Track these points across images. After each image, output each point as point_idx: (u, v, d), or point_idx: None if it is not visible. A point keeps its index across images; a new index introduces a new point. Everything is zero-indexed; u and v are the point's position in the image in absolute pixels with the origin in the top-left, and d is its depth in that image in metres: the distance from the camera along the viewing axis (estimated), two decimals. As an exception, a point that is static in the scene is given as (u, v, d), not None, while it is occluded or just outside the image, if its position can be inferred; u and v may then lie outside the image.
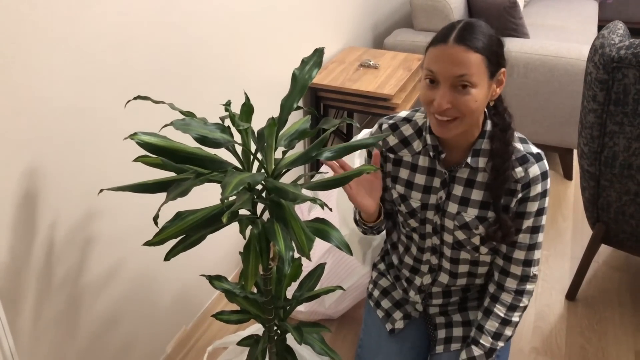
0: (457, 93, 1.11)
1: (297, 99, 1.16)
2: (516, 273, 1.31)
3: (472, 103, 1.12)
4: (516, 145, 1.24)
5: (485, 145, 1.23)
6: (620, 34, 1.67)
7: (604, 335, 1.93)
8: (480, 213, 1.27)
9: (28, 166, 1.15)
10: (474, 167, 1.25)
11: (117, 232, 1.46)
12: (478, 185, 1.26)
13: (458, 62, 1.09)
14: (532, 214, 1.25)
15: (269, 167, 1.13)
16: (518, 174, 1.22)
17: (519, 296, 1.32)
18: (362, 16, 2.89)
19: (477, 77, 1.10)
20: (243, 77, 1.88)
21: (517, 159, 1.23)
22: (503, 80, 1.18)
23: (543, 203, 1.25)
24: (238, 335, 1.69)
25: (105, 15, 1.26)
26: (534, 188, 1.23)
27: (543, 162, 1.24)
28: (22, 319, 1.23)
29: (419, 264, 1.42)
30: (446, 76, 1.11)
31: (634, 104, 1.60)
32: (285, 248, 1.01)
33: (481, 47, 1.10)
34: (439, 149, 1.26)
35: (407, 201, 1.33)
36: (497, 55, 1.14)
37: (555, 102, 2.62)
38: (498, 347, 1.32)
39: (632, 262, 2.27)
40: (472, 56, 1.09)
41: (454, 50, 1.09)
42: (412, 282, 1.44)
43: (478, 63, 1.10)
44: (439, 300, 1.43)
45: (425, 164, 1.30)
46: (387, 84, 2.27)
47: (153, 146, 1.04)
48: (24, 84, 1.10)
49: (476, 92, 1.11)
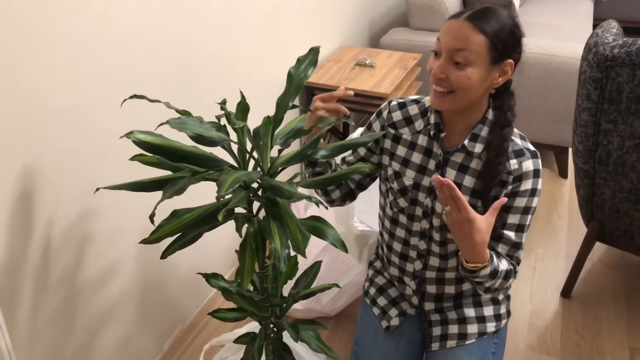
0: (453, 67, 1.17)
1: (293, 98, 1.17)
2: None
3: (464, 80, 1.16)
4: (514, 140, 1.27)
5: (484, 132, 1.26)
6: (614, 32, 1.68)
7: (599, 332, 1.94)
8: (470, 200, 1.28)
9: (24, 165, 1.16)
10: (470, 152, 1.27)
11: (114, 231, 1.46)
12: (471, 172, 1.28)
13: (459, 36, 1.15)
14: (518, 209, 1.26)
15: (265, 166, 1.13)
16: (512, 166, 1.24)
17: (511, 277, 1.31)
18: (358, 15, 2.89)
19: (476, 57, 1.15)
20: (239, 76, 1.89)
21: (513, 151, 1.25)
22: (508, 72, 1.20)
23: (531, 202, 1.26)
24: (235, 333, 1.70)
25: (102, 15, 1.26)
26: (525, 183, 1.24)
27: (537, 160, 1.26)
28: (19, 317, 1.23)
29: (407, 249, 1.41)
30: (446, 47, 1.17)
31: (628, 102, 1.61)
32: (281, 246, 1.01)
33: (488, 29, 1.14)
34: (440, 127, 1.29)
35: (400, 178, 1.35)
36: (504, 43, 1.16)
37: (551, 100, 2.63)
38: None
39: (627, 260, 2.28)
40: (476, 36, 1.14)
41: (460, 26, 1.15)
42: (405, 269, 1.45)
43: (480, 43, 1.14)
44: (433, 287, 1.42)
45: (424, 143, 1.32)
46: (383, 83, 2.27)
47: (149, 145, 1.04)
48: (20, 83, 1.10)
49: (472, 70, 1.16)
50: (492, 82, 1.20)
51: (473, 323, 1.43)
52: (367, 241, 1.86)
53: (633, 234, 1.89)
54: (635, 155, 1.68)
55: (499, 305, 1.46)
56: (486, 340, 1.42)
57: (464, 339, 1.41)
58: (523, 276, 2.20)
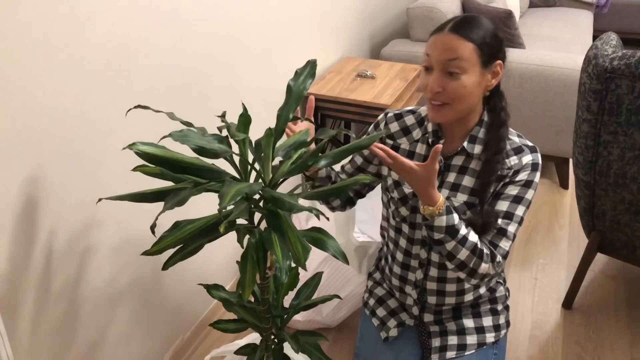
0: (448, 78, 1.19)
1: (293, 109, 1.18)
2: (486, 249, 1.28)
3: (461, 89, 1.19)
4: (512, 138, 1.30)
5: (482, 133, 1.29)
6: (613, 44, 1.69)
7: (601, 343, 1.93)
8: (469, 199, 1.29)
9: (28, 175, 1.16)
10: (469, 154, 1.29)
11: (116, 242, 1.46)
12: (470, 172, 1.30)
13: (449, 48, 1.18)
14: (509, 197, 1.27)
15: (266, 177, 1.14)
16: (512, 162, 1.27)
17: (483, 260, 1.25)
18: (359, 27, 2.91)
19: (468, 64, 1.18)
20: (241, 87, 1.90)
21: (512, 149, 1.28)
22: (499, 72, 1.24)
23: (524, 193, 1.27)
24: (235, 344, 1.69)
25: (105, 26, 1.27)
26: (521, 174, 1.27)
27: (537, 155, 1.29)
28: (20, 328, 1.23)
29: (409, 259, 1.42)
30: (438, 60, 1.19)
31: (628, 113, 1.62)
32: (282, 257, 1.02)
33: (474, 37, 1.18)
34: (438, 134, 1.32)
35: (400, 187, 1.36)
36: (490, 47, 1.21)
37: (551, 111, 2.64)
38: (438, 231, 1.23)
39: (628, 271, 2.28)
40: (464, 44, 1.17)
41: (447, 38, 1.19)
42: (407, 278, 1.45)
43: (469, 50, 1.18)
44: (433, 299, 1.43)
45: (422, 151, 1.35)
46: (384, 94, 2.28)
47: (151, 156, 1.05)
48: (24, 94, 1.11)
49: (466, 78, 1.19)
50: (486, 85, 1.24)
51: (472, 334, 1.43)
52: (367, 252, 1.86)
53: (634, 245, 1.89)
54: (635, 167, 1.69)
55: (497, 315, 1.46)
56: (485, 351, 1.42)
57: (463, 350, 1.41)
58: (524, 287, 2.19)
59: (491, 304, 1.47)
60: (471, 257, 1.23)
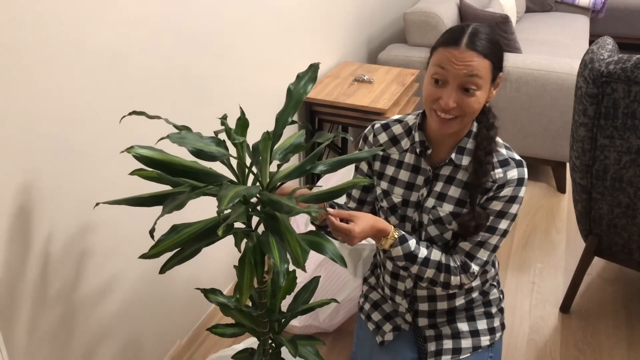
0: (463, 94, 1.19)
1: (292, 114, 1.17)
2: (456, 261, 1.30)
3: (476, 104, 1.20)
4: (500, 150, 1.29)
5: (470, 145, 1.29)
6: (609, 49, 1.69)
7: (598, 347, 1.93)
8: (455, 209, 1.30)
9: (24, 179, 1.16)
10: (457, 165, 1.29)
11: (113, 246, 1.46)
12: (457, 183, 1.30)
13: (469, 66, 1.17)
14: (492, 212, 1.28)
15: (264, 180, 1.14)
16: (497, 175, 1.27)
17: (452, 273, 1.30)
18: (356, 32, 2.92)
19: (483, 81, 1.19)
20: (239, 91, 1.90)
21: (498, 161, 1.28)
22: (499, 83, 1.25)
23: (508, 207, 1.27)
24: (233, 349, 1.69)
25: (103, 31, 1.27)
26: (506, 190, 1.27)
27: (523, 169, 1.28)
28: (16, 332, 1.23)
29: (398, 268, 1.41)
30: (456, 76, 1.18)
31: (624, 117, 1.62)
32: (280, 260, 1.01)
33: (489, 52, 1.18)
34: (425, 144, 1.31)
35: (389, 196, 1.36)
36: (500, 60, 1.22)
37: (548, 116, 2.65)
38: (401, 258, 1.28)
39: (625, 274, 2.28)
40: (482, 61, 1.17)
41: (466, 55, 1.17)
42: (396, 287, 1.45)
43: (486, 67, 1.18)
44: (425, 305, 1.43)
45: (411, 161, 1.34)
46: (381, 99, 2.29)
47: (149, 159, 1.05)
48: (19, 98, 1.11)
49: (480, 94, 1.19)
50: (488, 97, 1.24)
51: (467, 337, 1.43)
52: (361, 254, 1.86)
53: (631, 249, 1.89)
54: (632, 170, 1.69)
55: (492, 318, 1.46)
56: (481, 354, 1.42)
57: (458, 354, 1.41)
58: (522, 291, 2.19)
59: (485, 307, 1.47)
60: (438, 274, 1.29)
